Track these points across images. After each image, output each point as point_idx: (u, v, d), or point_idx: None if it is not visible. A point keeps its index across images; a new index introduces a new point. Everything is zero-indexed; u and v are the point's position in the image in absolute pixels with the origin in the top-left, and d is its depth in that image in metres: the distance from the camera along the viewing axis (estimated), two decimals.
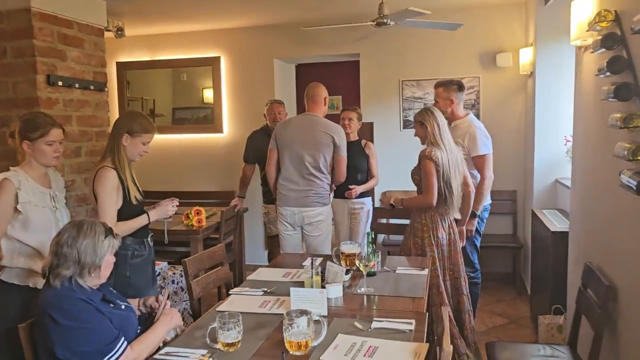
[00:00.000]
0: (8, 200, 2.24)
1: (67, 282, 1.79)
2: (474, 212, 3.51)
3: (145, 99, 6.13)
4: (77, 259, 1.79)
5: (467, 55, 5.10)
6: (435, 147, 3.20)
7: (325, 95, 3.75)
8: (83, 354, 1.69)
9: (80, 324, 1.71)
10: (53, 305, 1.73)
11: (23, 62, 2.70)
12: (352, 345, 1.89)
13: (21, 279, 2.30)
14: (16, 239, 2.28)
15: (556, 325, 3.32)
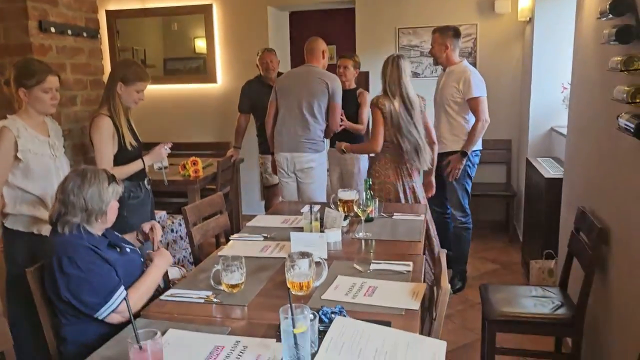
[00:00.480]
0: (8, 148, 2.24)
1: (75, 229, 1.85)
2: (464, 151, 3.59)
3: (136, 49, 6.01)
4: (84, 206, 1.83)
5: (465, 1, 5.01)
6: (385, 97, 3.24)
7: (323, 48, 3.77)
8: (84, 301, 1.77)
9: (84, 274, 1.77)
10: (60, 251, 1.79)
11: (14, 7, 2.63)
12: (352, 285, 1.95)
13: (25, 225, 2.32)
14: (18, 187, 2.29)
15: (547, 269, 3.42)
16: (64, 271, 1.75)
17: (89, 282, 1.76)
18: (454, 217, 3.82)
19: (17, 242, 2.32)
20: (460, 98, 3.60)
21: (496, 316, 2.46)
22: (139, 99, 2.67)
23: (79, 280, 1.75)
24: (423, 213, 2.92)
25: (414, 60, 5.20)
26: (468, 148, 3.59)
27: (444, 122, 3.72)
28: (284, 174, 3.76)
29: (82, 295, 1.76)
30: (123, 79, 2.60)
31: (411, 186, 3.34)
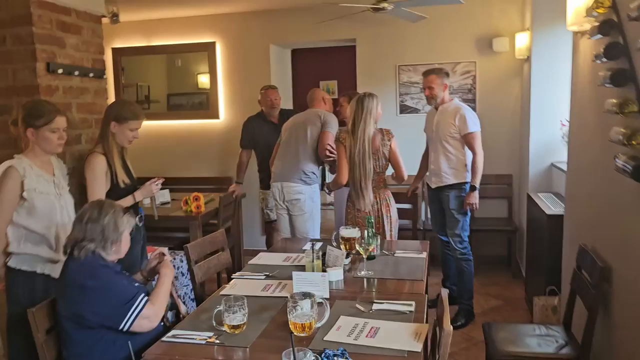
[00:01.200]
0: (14, 187, 2.27)
1: (90, 254, 1.95)
2: (473, 185, 3.72)
3: (140, 85, 6.12)
4: (101, 233, 1.95)
5: (464, 39, 5.12)
6: (347, 132, 3.38)
7: (322, 95, 4.07)
8: (109, 312, 1.87)
9: (106, 285, 1.88)
10: (78, 272, 1.90)
11: (23, 49, 2.69)
12: (355, 326, 1.94)
13: (29, 264, 2.33)
14: (22, 226, 2.31)
15: (551, 306, 3.39)
16: (86, 286, 1.85)
17: (111, 291, 1.88)
18: (453, 247, 3.87)
19: (19, 282, 2.32)
20: (457, 134, 3.73)
21: (501, 356, 2.44)
22: (133, 137, 2.76)
23: (102, 291, 1.86)
24: (425, 250, 2.92)
25: (414, 96, 5.28)
26: (476, 182, 3.73)
27: (442, 157, 3.82)
28: (277, 205, 3.91)
29: (106, 306, 1.86)
30: (116, 118, 2.70)
31: (377, 220, 3.41)
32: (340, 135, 3.45)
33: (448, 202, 3.82)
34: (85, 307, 1.86)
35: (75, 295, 1.87)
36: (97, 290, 1.86)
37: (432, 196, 4.03)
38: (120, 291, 1.91)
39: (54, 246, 2.38)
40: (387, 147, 3.40)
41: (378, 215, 3.41)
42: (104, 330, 1.89)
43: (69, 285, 1.90)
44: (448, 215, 3.86)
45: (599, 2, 2.11)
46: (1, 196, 2.26)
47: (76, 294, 1.87)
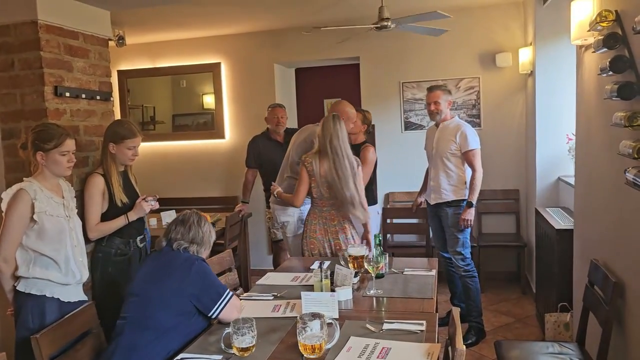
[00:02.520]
0: (24, 210, 2.27)
1: (192, 252, 2.23)
2: (470, 202, 3.71)
3: (146, 106, 6.17)
4: (200, 238, 2.26)
5: (467, 55, 5.14)
6: (314, 155, 3.29)
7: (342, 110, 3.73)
8: (209, 296, 2.11)
9: (210, 274, 2.19)
10: (186, 259, 2.17)
11: (30, 73, 2.72)
12: (365, 347, 1.91)
13: (38, 288, 2.32)
14: (31, 249, 2.30)
15: (563, 323, 3.35)
16: (199, 272, 2.12)
17: (211, 280, 2.17)
18: (455, 264, 3.86)
19: (29, 306, 2.31)
20: (457, 151, 3.76)
21: None
22: (133, 155, 2.80)
23: (208, 277, 2.15)
24: (435, 268, 2.89)
25: (419, 112, 5.29)
26: (473, 198, 3.71)
27: (442, 174, 3.83)
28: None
29: (205, 291, 2.10)
30: (113, 139, 2.76)
31: (336, 243, 3.31)
32: (306, 159, 3.31)
33: (447, 219, 3.82)
34: (191, 288, 2.08)
35: (182, 277, 2.09)
36: (207, 277, 2.15)
37: (432, 212, 4.02)
38: (217, 283, 2.19)
39: (63, 270, 2.37)
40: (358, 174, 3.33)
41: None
42: (186, 318, 2.08)
43: (178, 268, 2.13)
44: (447, 232, 3.86)
45: (602, 15, 2.12)
46: (12, 219, 2.26)
47: (184, 276, 2.10)
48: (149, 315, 2.07)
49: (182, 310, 2.09)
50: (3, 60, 2.77)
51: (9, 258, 2.28)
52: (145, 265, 2.29)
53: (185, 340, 2.07)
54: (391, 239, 5.31)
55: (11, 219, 2.27)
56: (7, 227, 2.27)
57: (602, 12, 2.13)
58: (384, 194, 5.39)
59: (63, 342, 2.08)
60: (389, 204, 5.36)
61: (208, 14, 4.77)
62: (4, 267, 2.28)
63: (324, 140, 3.25)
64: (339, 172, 3.21)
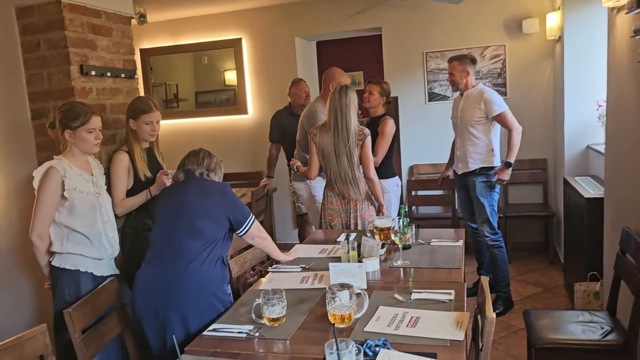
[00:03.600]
0: (55, 187, 2.32)
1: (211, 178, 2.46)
2: (508, 162, 3.67)
3: (168, 84, 6.20)
4: (214, 165, 2.48)
5: (492, 23, 5.01)
6: (322, 127, 3.30)
7: (333, 78, 3.89)
8: (239, 215, 2.37)
9: (233, 194, 2.42)
10: (217, 183, 2.44)
11: (56, 53, 2.75)
12: (394, 316, 1.93)
13: (72, 263, 2.38)
14: (64, 225, 2.37)
15: (593, 292, 3.32)
16: (230, 194, 2.38)
17: (241, 203, 2.43)
18: (482, 233, 3.84)
19: (65, 280, 2.39)
20: (483, 118, 3.70)
21: (543, 344, 2.39)
22: (152, 130, 2.79)
23: (237, 199, 2.41)
24: (461, 238, 2.88)
25: (443, 83, 5.19)
26: (511, 158, 3.67)
27: (468, 143, 3.78)
28: (300, 200, 4.16)
29: (240, 209, 2.37)
30: (132, 115, 2.78)
31: (354, 214, 3.33)
32: (312, 130, 3.34)
33: (474, 188, 3.78)
34: (224, 209, 2.32)
35: (219, 195, 2.35)
36: (236, 199, 2.41)
37: (459, 183, 3.98)
38: (244, 206, 2.44)
39: (95, 245, 2.43)
40: (365, 144, 3.29)
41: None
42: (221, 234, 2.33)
43: (219, 189, 2.39)
44: (475, 202, 3.83)
45: None
46: (44, 196, 2.32)
47: (220, 194, 2.35)
48: (177, 243, 2.24)
49: (215, 231, 2.30)
50: (29, 41, 2.81)
51: (43, 234, 2.34)
52: (177, 195, 2.38)
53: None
54: (416, 211, 5.30)
55: (43, 197, 2.32)
56: (39, 204, 2.33)
57: None
58: (408, 166, 5.36)
59: (93, 316, 2.15)
60: (413, 176, 5.33)
61: None
62: (39, 243, 2.35)
63: (328, 112, 3.27)
64: (336, 147, 3.23)
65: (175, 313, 2.12)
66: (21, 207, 2.79)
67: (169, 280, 2.16)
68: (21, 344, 1.73)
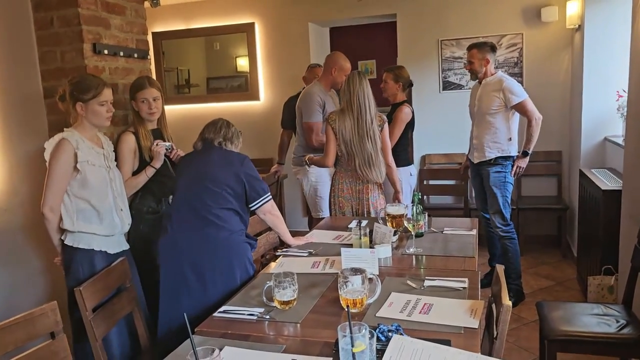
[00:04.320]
0: (68, 159, 2.30)
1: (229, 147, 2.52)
2: (525, 151, 3.67)
3: (180, 69, 6.17)
4: (232, 135, 2.53)
5: (509, 10, 4.91)
6: (341, 113, 3.22)
7: (326, 64, 3.92)
8: (259, 186, 2.41)
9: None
10: (235, 153, 2.49)
11: (70, 31, 2.72)
12: (407, 302, 1.89)
13: (86, 242, 2.37)
14: (76, 198, 2.34)
15: (607, 286, 3.26)
16: (249, 165, 2.42)
17: (259, 177, 2.45)
18: (494, 224, 3.79)
19: (78, 259, 2.37)
20: (502, 107, 3.63)
21: (556, 335, 2.35)
22: (149, 108, 2.73)
23: (256, 172, 2.44)
24: (475, 228, 2.84)
25: (457, 72, 5.12)
26: (529, 147, 3.66)
27: (485, 131, 3.72)
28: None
29: (257, 182, 2.40)
30: (131, 96, 2.76)
31: (366, 202, 3.29)
32: (330, 116, 3.26)
33: (488, 178, 3.73)
34: (243, 176, 2.37)
35: (238, 164, 2.40)
36: (253, 170, 2.44)
37: (474, 172, 3.93)
38: (263, 182, 2.45)
39: (106, 220, 2.42)
40: (383, 130, 3.27)
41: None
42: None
43: (234, 157, 2.44)
44: (488, 192, 3.78)
45: None
46: (56, 168, 2.29)
47: (239, 163, 2.40)
48: (199, 207, 2.32)
49: (237, 200, 2.36)
50: (42, 18, 2.78)
51: (55, 207, 2.31)
52: (194, 163, 2.47)
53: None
54: (427, 200, 5.25)
55: (55, 168, 2.29)
56: (51, 176, 2.29)
57: None
58: (421, 156, 5.31)
59: (103, 295, 2.13)
60: (426, 165, 5.27)
61: None
62: (51, 216, 2.32)
63: (349, 96, 3.18)
64: (360, 131, 3.17)
65: (198, 276, 2.25)
66: (32, 185, 2.78)
67: (198, 247, 2.28)
68: (32, 320, 1.72)
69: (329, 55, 3.97)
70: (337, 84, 3.85)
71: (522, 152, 3.67)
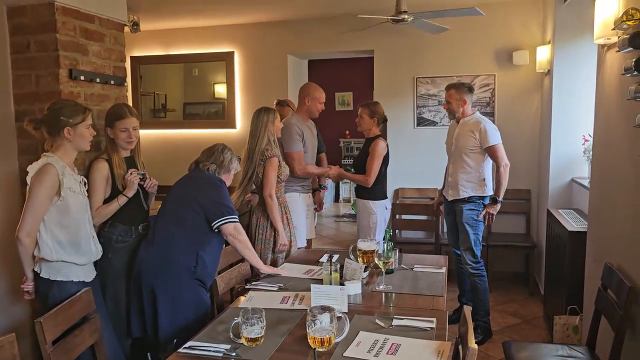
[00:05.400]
0: (53, 184, 2.26)
1: (212, 172, 2.73)
2: (495, 197, 3.73)
3: (157, 94, 6.16)
4: (221, 161, 2.73)
5: (483, 52, 5.08)
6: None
7: (302, 95, 3.98)
8: (225, 206, 2.57)
9: (224, 188, 2.67)
10: (212, 177, 2.69)
11: (46, 55, 2.71)
12: (375, 342, 1.89)
13: (64, 274, 2.32)
14: (54, 225, 2.29)
15: (572, 326, 3.31)
16: (219, 185, 2.63)
17: (227, 200, 2.61)
18: (465, 261, 3.83)
19: (56, 292, 2.30)
20: (476, 147, 3.72)
21: None
22: (128, 137, 2.70)
23: (223, 194, 2.60)
24: (445, 265, 2.87)
25: (432, 109, 5.24)
26: (499, 194, 3.72)
27: (460, 171, 3.79)
28: None
29: (217, 202, 2.55)
30: (108, 124, 2.72)
31: (255, 230, 3.47)
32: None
33: (461, 215, 3.79)
34: (215, 198, 2.56)
35: (210, 189, 2.59)
36: (225, 192, 2.64)
37: (448, 209, 3.99)
38: (229, 204, 2.61)
39: (83, 248, 2.38)
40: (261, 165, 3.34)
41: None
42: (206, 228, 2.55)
43: (207, 181, 2.65)
44: (460, 228, 3.83)
45: (629, 14, 2.07)
46: (39, 192, 2.23)
47: (212, 187, 2.60)
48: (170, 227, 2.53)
49: (194, 220, 2.53)
50: (19, 42, 2.76)
51: (32, 233, 2.25)
52: (177, 184, 2.72)
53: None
54: (399, 234, 5.28)
55: (38, 193, 2.23)
56: (33, 200, 2.23)
57: (628, 11, 2.08)
58: (394, 190, 5.36)
59: (64, 327, 2.07)
60: (399, 199, 5.33)
61: (222, 2, 4.75)
62: (27, 242, 2.25)
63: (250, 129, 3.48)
64: (245, 163, 3.38)
65: (156, 294, 2.44)
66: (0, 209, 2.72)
67: (152, 264, 2.47)
68: None
69: (301, 87, 4.05)
70: (312, 112, 3.93)
71: (492, 199, 3.74)
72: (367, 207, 3.90)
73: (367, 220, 3.91)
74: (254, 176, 3.33)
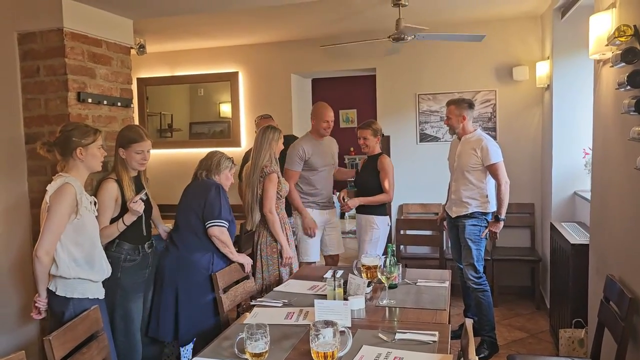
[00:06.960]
0: (72, 203, 2.30)
1: (205, 177, 3.00)
2: (497, 215, 3.74)
3: (164, 114, 6.25)
4: (209, 164, 2.97)
5: (484, 68, 5.14)
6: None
7: (311, 114, 4.12)
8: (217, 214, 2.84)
9: (220, 193, 2.91)
10: (210, 183, 2.94)
11: (55, 79, 2.79)
12: (378, 355, 1.92)
13: (80, 292, 2.36)
14: (69, 242, 2.33)
15: (577, 339, 3.31)
16: (212, 190, 2.88)
17: (218, 204, 2.87)
18: (467, 276, 3.85)
19: (72, 309, 2.34)
20: (478, 165, 3.75)
21: None
22: (142, 159, 2.77)
23: (215, 198, 2.85)
24: (447, 280, 2.89)
25: (434, 124, 5.30)
26: (501, 212, 3.74)
27: (463, 187, 3.83)
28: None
29: (211, 206, 2.84)
30: (121, 144, 2.76)
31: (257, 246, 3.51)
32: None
33: (464, 230, 3.81)
34: (198, 202, 2.86)
35: (203, 195, 2.86)
36: (213, 194, 2.87)
37: (451, 225, 4.01)
38: (221, 208, 2.85)
39: (97, 266, 2.43)
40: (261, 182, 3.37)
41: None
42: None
43: (202, 188, 2.91)
44: (463, 244, 3.85)
45: (621, 30, 2.12)
46: (59, 211, 2.27)
47: (206, 193, 2.86)
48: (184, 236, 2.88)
49: (198, 224, 2.86)
50: (29, 67, 2.85)
51: (51, 251, 2.28)
52: (182, 195, 3.02)
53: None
54: (404, 250, 5.30)
55: (57, 211, 2.27)
56: (52, 219, 2.27)
57: (620, 27, 2.14)
58: (398, 205, 5.40)
59: (72, 345, 2.09)
60: (403, 215, 5.36)
61: (227, 23, 4.85)
62: (46, 260, 2.28)
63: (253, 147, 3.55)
64: (247, 179, 3.43)
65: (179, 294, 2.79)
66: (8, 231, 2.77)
67: (175, 266, 2.82)
68: None
69: (313, 107, 4.15)
70: (319, 131, 4.01)
71: (495, 217, 3.76)
72: (371, 221, 3.94)
73: (369, 235, 3.96)
74: (256, 195, 3.36)
